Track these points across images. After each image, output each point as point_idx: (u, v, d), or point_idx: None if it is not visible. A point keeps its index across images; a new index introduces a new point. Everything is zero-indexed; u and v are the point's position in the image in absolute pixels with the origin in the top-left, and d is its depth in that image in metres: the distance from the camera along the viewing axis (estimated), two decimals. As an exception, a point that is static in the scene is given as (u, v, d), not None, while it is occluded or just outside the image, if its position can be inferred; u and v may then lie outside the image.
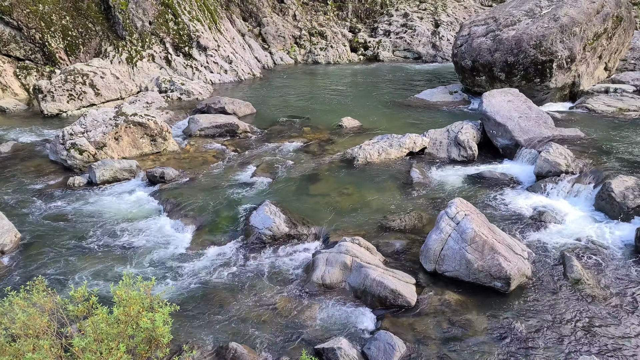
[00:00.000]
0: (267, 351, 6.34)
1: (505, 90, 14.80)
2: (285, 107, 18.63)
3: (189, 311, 7.09)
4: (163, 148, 13.74)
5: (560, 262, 8.11)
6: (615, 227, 9.12)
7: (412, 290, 7.27)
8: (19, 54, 20.68)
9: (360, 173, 11.94)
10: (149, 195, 11.12)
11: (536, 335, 6.52)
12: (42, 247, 8.91)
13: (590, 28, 16.89)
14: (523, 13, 17.83)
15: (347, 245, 7.95)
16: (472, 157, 12.76)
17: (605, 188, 9.71)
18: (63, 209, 10.48)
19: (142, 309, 4.92)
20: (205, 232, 9.43)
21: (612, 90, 17.49)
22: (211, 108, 17.16)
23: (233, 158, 13.30)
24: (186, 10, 23.79)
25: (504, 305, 7.13)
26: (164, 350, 4.82)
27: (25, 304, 4.99)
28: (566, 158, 11.03)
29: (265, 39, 29.48)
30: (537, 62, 16.32)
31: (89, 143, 12.79)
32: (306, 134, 15.11)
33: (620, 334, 6.55)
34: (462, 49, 18.31)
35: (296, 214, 9.68)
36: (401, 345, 6.14)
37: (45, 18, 21.09)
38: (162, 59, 22.73)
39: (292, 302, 7.29)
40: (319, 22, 31.78)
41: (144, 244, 9.06)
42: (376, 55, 30.55)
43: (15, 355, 4.61)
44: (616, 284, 7.61)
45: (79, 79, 17.87)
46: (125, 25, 22.55)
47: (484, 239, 7.45)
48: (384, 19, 33.38)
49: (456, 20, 33.17)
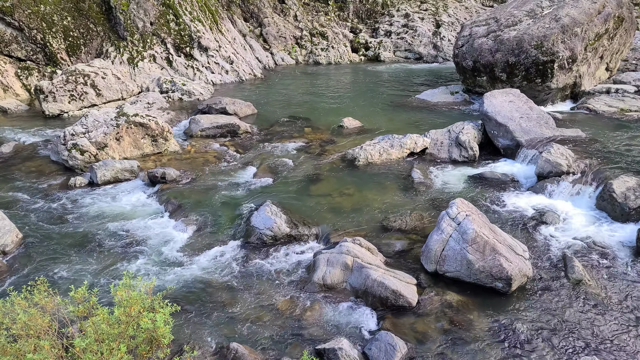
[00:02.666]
0: (268, 351, 6.34)
1: (506, 90, 14.79)
2: (286, 107, 18.63)
3: (190, 311, 7.10)
4: (164, 148, 13.76)
5: (561, 262, 8.11)
6: (617, 228, 9.12)
7: (413, 290, 7.27)
8: (21, 55, 20.72)
9: (361, 173, 11.94)
10: (150, 196, 11.13)
11: (537, 336, 6.51)
12: (44, 248, 8.92)
13: (592, 28, 16.87)
14: (524, 13, 17.82)
15: (348, 246, 7.95)
16: (473, 158, 12.76)
17: (607, 188, 9.70)
18: (64, 209, 10.50)
19: (143, 309, 4.93)
20: (206, 233, 9.43)
21: (614, 91, 17.47)
22: (212, 108, 17.16)
23: (234, 158, 13.30)
24: (187, 11, 23.81)
25: (505, 305, 7.13)
26: (165, 351, 4.82)
27: (26, 304, 4.99)
28: (567, 158, 11.02)
29: (266, 40, 29.49)
30: (538, 63, 16.31)
31: (90, 143, 12.80)
32: (307, 135, 15.11)
33: (621, 335, 6.54)
34: (463, 50, 18.30)
35: (297, 215, 9.68)
36: (402, 346, 6.14)
37: (47, 19, 21.12)
38: (163, 59, 22.75)
39: (293, 303, 7.30)
40: (320, 23, 31.78)
41: (144, 244, 9.07)
42: (377, 56, 30.53)
43: (17, 355, 4.61)
44: (617, 284, 7.61)
45: (80, 79, 17.89)
46: (126, 26, 22.58)
47: (485, 239, 7.45)
48: (385, 19, 33.37)
49: (457, 20, 33.14)
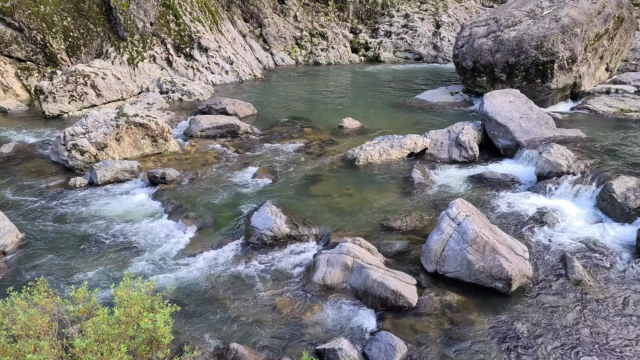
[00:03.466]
0: (268, 352, 6.34)
1: (506, 91, 14.79)
2: (286, 107, 18.63)
3: (190, 312, 7.10)
4: (164, 149, 13.76)
5: (561, 262, 8.11)
6: (617, 228, 9.11)
7: (413, 291, 7.27)
8: (21, 55, 20.72)
9: (361, 174, 11.94)
10: (150, 196, 11.13)
11: (537, 336, 6.51)
12: (44, 248, 8.92)
13: (592, 29, 16.88)
14: (524, 14, 17.83)
15: (348, 246, 7.95)
16: (473, 158, 12.76)
17: (607, 189, 9.70)
18: (64, 209, 10.49)
19: (143, 309, 4.93)
20: (206, 233, 9.43)
21: (614, 91, 17.48)
22: (212, 109, 17.16)
23: (234, 159, 13.30)
24: (187, 11, 23.82)
25: (505, 306, 7.13)
26: (165, 351, 4.82)
27: (26, 304, 4.99)
28: (567, 159, 11.02)
29: (266, 40, 29.49)
30: (538, 63, 16.31)
31: (90, 144, 12.80)
32: (307, 135, 15.11)
33: (621, 335, 6.54)
34: (463, 50, 18.31)
35: (297, 215, 9.68)
36: (402, 346, 6.14)
37: (47, 19, 21.13)
38: (163, 59, 22.75)
39: (293, 303, 7.30)
40: (320, 23, 31.78)
41: (145, 244, 9.07)
42: (377, 56, 30.54)
43: (17, 355, 4.61)
44: (617, 284, 7.61)
45: (80, 80, 17.90)
46: (126, 26, 22.58)
47: (485, 239, 7.45)
48: (385, 19, 33.38)
49: (457, 21, 33.15)
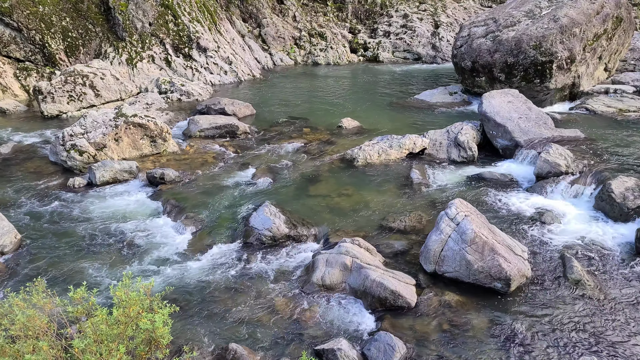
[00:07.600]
0: (267, 352, 6.34)
1: (505, 91, 14.80)
2: (285, 108, 18.63)
3: (188, 312, 7.10)
4: (163, 149, 13.75)
5: (560, 263, 8.11)
6: (615, 228, 9.12)
7: (412, 291, 7.27)
8: (19, 55, 20.68)
9: (360, 174, 11.94)
10: (149, 197, 11.12)
11: (536, 336, 6.52)
12: (42, 248, 8.91)
13: (590, 29, 16.90)
14: (523, 14, 17.84)
15: (347, 246, 7.95)
16: (472, 158, 12.77)
17: (605, 189, 9.71)
18: (63, 210, 10.48)
19: (142, 310, 4.92)
20: (205, 233, 9.43)
21: (612, 91, 17.50)
22: (211, 109, 17.15)
23: (233, 159, 13.30)
24: (186, 12, 23.80)
25: (504, 306, 7.13)
26: (164, 351, 4.82)
27: (25, 305, 4.98)
28: (566, 159, 11.03)
29: (265, 40, 29.47)
30: (536, 63, 16.32)
31: (89, 144, 12.79)
32: (306, 135, 15.10)
33: (620, 335, 6.55)
34: (461, 50, 18.32)
35: (296, 215, 9.68)
36: (401, 346, 6.14)
37: (46, 19, 21.10)
38: (162, 60, 22.73)
39: (292, 303, 7.30)
40: (319, 23, 31.78)
41: (143, 245, 9.06)
42: (376, 56, 30.53)
43: (15, 356, 4.60)
44: (616, 284, 7.61)
45: (79, 80, 17.87)
46: (125, 27, 22.56)
47: (484, 239, 7.45)
48: (384, 19, 33.37)
49: (456, 21, 33.15)
